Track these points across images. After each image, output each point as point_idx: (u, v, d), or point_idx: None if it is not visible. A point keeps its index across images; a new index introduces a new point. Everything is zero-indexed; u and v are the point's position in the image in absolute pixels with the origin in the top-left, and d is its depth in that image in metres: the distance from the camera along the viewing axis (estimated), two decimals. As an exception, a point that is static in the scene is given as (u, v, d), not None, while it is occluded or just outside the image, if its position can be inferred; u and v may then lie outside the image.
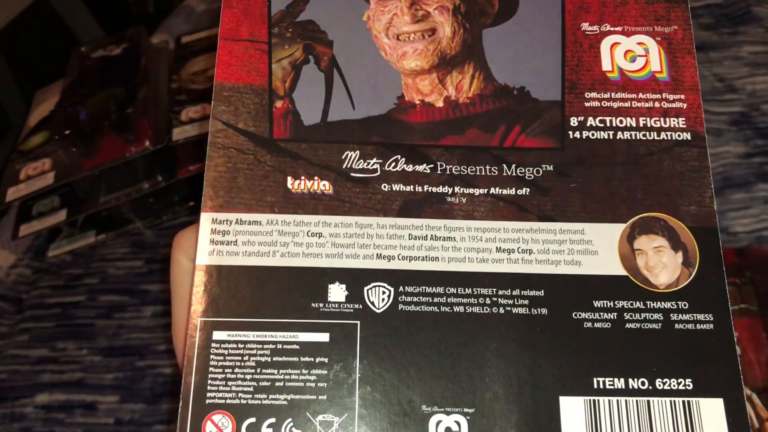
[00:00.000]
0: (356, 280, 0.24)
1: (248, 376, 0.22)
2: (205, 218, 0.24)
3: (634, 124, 0.26)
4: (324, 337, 0.23)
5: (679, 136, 0.26)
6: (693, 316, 0.24)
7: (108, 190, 0.53)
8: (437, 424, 0.22)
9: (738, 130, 0.54)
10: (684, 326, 0.23)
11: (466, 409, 0.22)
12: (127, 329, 0.51)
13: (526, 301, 0.24)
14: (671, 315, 0.24)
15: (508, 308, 0.24)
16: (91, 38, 0.69)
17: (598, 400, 0.23)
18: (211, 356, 0.23)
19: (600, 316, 0.24)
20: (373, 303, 0.24)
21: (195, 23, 0.70)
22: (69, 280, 0.55)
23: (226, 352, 0.23)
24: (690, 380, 0.23)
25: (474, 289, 0.24)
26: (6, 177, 0.54)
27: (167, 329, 0.49)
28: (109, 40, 0.58)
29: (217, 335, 0.23)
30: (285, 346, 0.23)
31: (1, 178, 0.54)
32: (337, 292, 0.24)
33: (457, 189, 0.25)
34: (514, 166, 0.25)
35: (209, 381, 0.22)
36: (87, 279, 0.55)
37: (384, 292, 0.24)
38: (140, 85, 0.53)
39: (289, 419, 0.22)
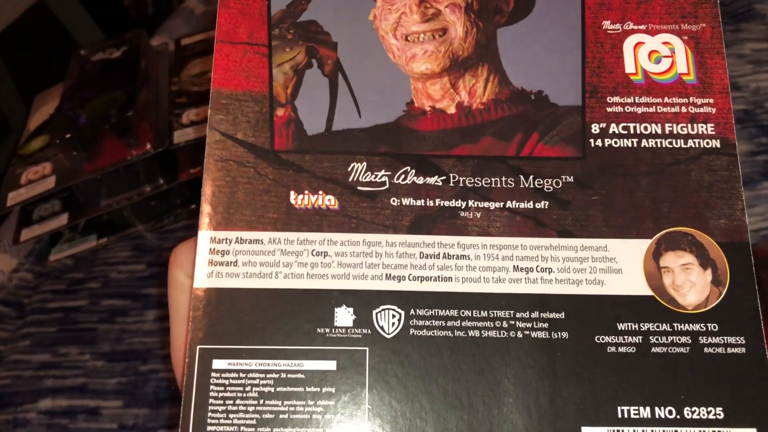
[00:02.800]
0: (364, 302, 0.22)
1: (251, 408, 0.21)
2: (203, 237, 0.23)
3: (659, 131, 0.24)
4: (331, 365, 0.22)
5: (707, 143, 0.24)
6: (723, 339, 0.22)
7: (109, 193, 0.53)
8: None
9: (742, 128, 0.54)
10: (714, 350, 0.22)
11: None
12: (130, 333, 0.51)
13: (546, 325, 0.22)
14: (700, 338, 0.22)
15: (527, 332, 0.22)
16: (91, 41, 0.68)
17: (623, 431, 0.21)
18: (211, 386, 0.21)
19: (624, 339, 0.22)
20: (382, 327, 0.22)
21: (194, 25, 0.70)
22: (71, 285, 0.54)
23: (226, 382, 0.21)
24: (720, 409, 0.21)
25: (490, 312, 0.22)
26: (6, 181, 0.53)
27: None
28: (109, 43, 0.57)
29: (217, 364, 0.22)
30: (289, 375, 0.22)
31: (2, 183, 0.54)
32: (344, 316, 0.22)
33: (471, 203, 0.24)
34: (531, 177, 0.24)
35: (209, 414, 0.21)
36: (89, 283, 0.54)
37: (394, 316, 0.22)
38: (140, 88, 0.52)
39: None
